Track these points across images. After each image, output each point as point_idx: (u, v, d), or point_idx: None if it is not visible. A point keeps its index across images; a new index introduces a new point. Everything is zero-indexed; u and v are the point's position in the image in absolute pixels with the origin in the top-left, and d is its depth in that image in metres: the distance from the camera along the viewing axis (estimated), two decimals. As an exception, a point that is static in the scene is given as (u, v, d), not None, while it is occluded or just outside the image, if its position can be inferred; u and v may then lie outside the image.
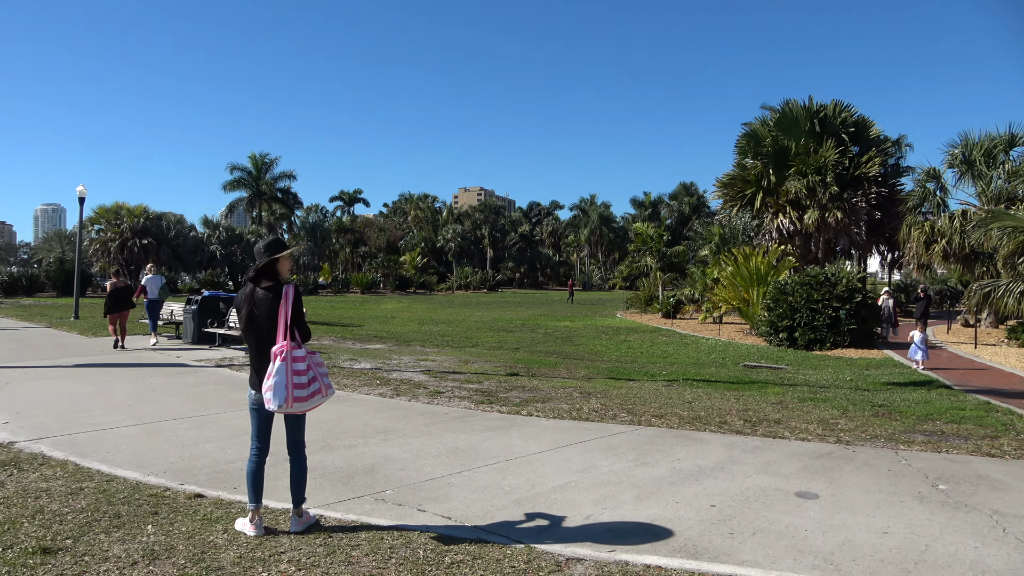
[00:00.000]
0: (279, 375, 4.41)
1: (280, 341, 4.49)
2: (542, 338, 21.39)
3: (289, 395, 4.41)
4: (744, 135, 32.15)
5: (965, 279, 29.73)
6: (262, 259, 4.68)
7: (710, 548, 4.47)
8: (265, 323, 4.60)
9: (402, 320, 28.52)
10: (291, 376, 4.43)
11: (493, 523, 4.87)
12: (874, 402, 10.14)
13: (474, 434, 7.61)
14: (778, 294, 20.04)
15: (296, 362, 4.47)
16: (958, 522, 5.07)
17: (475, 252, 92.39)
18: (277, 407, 4.42)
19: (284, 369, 4.42)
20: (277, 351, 4.47)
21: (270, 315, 4.58)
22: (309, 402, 4.52)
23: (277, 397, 4.40)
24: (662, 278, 37.15)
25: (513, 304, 45.34)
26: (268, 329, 4.58)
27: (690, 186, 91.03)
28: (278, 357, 4.45)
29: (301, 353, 4.52)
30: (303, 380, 4.46)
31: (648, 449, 7.06)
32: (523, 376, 12.32)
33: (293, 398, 4.42)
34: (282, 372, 4.41)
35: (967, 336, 22.30)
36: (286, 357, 4.45)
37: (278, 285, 4.68)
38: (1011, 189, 23.84)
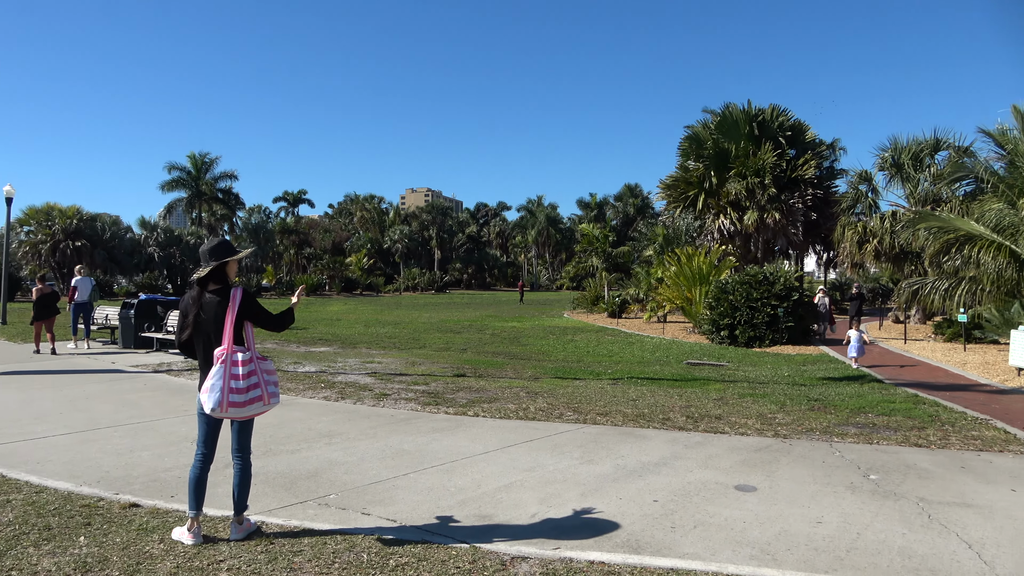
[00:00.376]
0: (217, 378, 4.36)
1: (225, 344, 4.42)
2: (490, 339, 21.41)
3: (224, 399, 4.34)
4: (686, 138, 32.80)
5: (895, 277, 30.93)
6: (208, 263, 4.57)
7: (652, 542, 4.56)
8: (212, 327, 4.53)
9: (348, 322, 28.18)
10: (228, 380, 4.36)
11: (439, 524, 4.86)
12: (810, 397, 10.48)
13: (420, 436, 7.58)
14: (719, 293, 20.51)
15: (235, 366, 4.40)
16: (888, 510, 5.28)
17: (422, 253, 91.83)
18: (210, 410, 4.36)
19: (222, 373, 4.37)
20: (218, 354, 4.41)
21: (217, 319, 4.51)
22: (246, 408, 4.43)
23: (211, 400, 4.35)
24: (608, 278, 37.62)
25: (461, 305, 45.25)
26: (215, 333, 4.51)
27: (635, 187, 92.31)
28: (219, 360, 4.40)
29: (246, 357, 4.45)
30: (240, 385, 4.38)
31: (593, 447, 7.14)
32: (470, 377, 12.32)
33: (228, 403, 4.35)
34: (219, 375, 4.36)
35: (897, 332, 23.22)
36: (226, 361, 4.39)
37: (226, 288, 4.60)
38: (936, 191, 24.92)
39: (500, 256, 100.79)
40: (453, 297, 61.79)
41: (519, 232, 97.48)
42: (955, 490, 5.81)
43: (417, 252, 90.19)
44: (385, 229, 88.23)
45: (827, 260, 36.60)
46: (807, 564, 4.25)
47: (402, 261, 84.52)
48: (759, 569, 4.17)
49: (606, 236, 39.46)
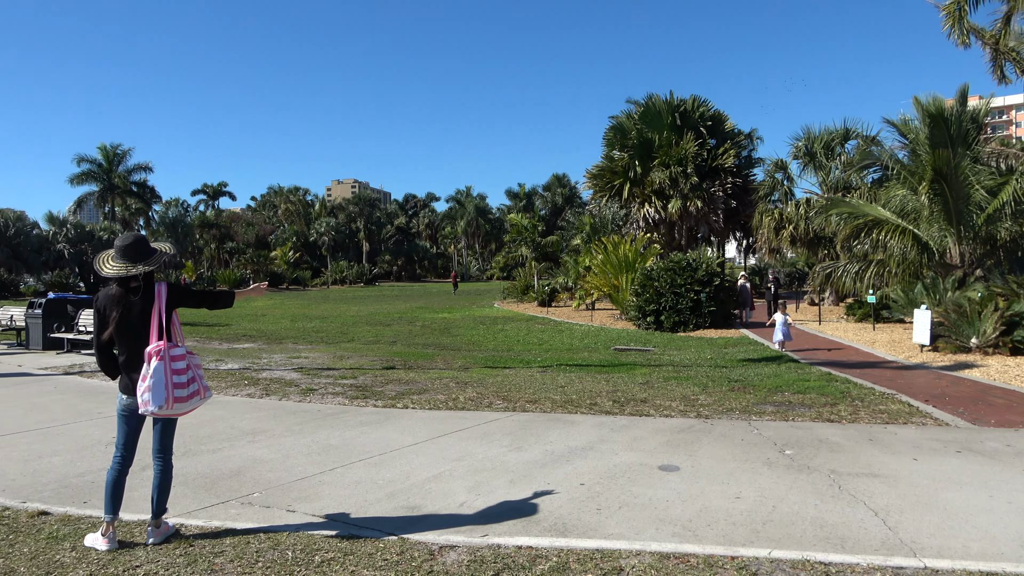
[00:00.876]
0: (157, 375, 4.21)
1: (155, 341, 4.28)
2: (420, 330, 21.28)
3: (169, 396, 4.22)
4: (611, 128, 33.36)
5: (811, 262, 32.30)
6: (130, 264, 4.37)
7: (579, 525, 4.64)
8: (138, 325, 4.36)
9: (273, 318, 27.49)
10: (170, 376, 4.25)
11: (366, 518, 4.82)
12: (731, 378, 10.85)
13: (348, 430, 7.48)
14: (645, 280, 20.96)
15: (174, 361, 4.30)
16: (801, 483, 5.53)
17: (350, 246, 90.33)
18: (157, 409, 4.22)
19: (162, 369, 4.23)
20: (153, 351, 4.25)
21: (142, 315, 4.36)
22: (189, 403, 4.36)
23: (156, 399, 4.20)
24: (537, 267, 37.91)
25: (391, 297, 44.78)
26: (141, 330, 4.35)
27: (563, 177, 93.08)
28: (154, 357, 4.24)
29: (180, 352, 4.36)
30: (183, 380, 4.30)
31: (522, 434, 7.21)
32: (400, 369, 12.23)
33: (174, 399, 4.25)
34: (160, 372, 4.22)
35: (813, 314, 24.26)
36: (163, 356, 4.25)
37: (150, 284, 4.43)
38: (847, 178, 26.12)
39: (430, 247, 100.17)
40: (383, 289, 61.09)
41: (448, 223, 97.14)
42: (863, 462, 6.14)
43: (345, 244, 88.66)
44: (311, 221, 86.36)
45: (747, 246, 37.87)
46: (726, 538, 4.41)
47: (329, 254, 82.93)
48: (681, 545, 4.30)
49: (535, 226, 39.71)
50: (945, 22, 19.48)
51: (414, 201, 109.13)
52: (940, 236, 18.42)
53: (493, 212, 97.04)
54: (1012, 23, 18.99)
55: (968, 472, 5.83)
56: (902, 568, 3.98)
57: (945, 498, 5.17)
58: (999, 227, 17.64)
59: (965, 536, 4.45)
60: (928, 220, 18.62)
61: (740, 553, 4.18)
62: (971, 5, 19.05)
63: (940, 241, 18.43)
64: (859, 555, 4.15)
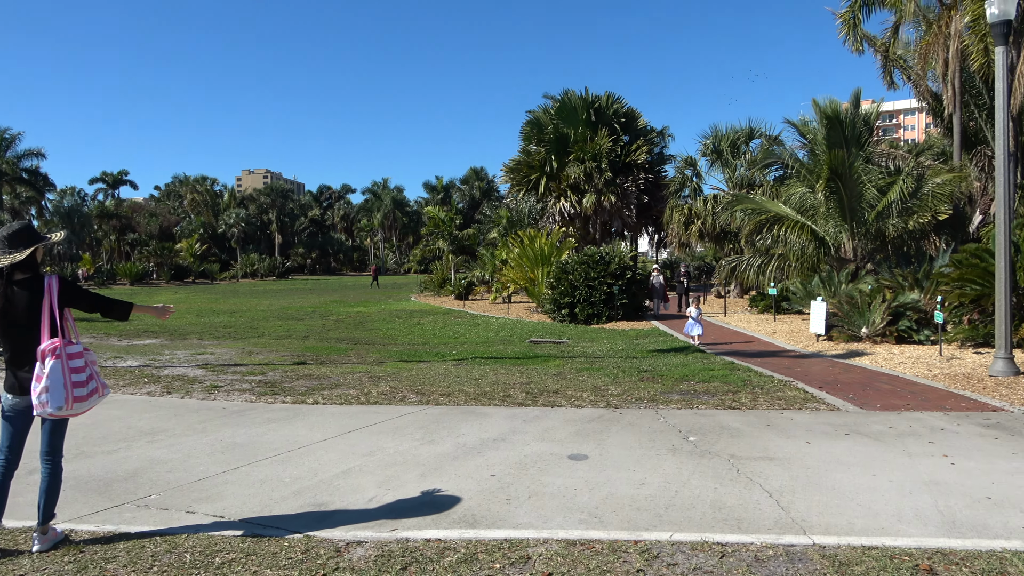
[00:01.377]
0: (54, 375, 3.98)
1: (46, 338, 4.04)
2: (334, 325, 20.88)
3: (69, 396, 4.01)
4: (528, 122, 33.58)
5: (718, 255, 33.53)
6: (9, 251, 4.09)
7: (488, 516, 4.68)
8: (24, 320, 4.09)
9: (178, 312, 26.36)
10: (68, 375, 4.02)
11: (271, 516, 4.70)
12: (640, 368, 11.15)
13: (254, 427, 7.27)
14: (560, 273, 21.26)
15: (72, 359, 4.07)
16: (703, 468, 5.75)
17: (262, 238, 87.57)
18: (55, 410, 3.99)
19: (60, 368, 4.00)
20: (48, 349, 4.00)
21: (30, 310, 4.10)
22: (88, 402, 4.15)
23: (55, 400, 3.97)
24: (454, 261, 37.80)
25: (304, 291, 43.72)
26: (28, 326, 4.09)
27: (480, 171, 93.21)
28: (50, 356, 4.00)
29: (77, 349, 4.13)
30: (82, 378, 4.09)
31: (435, 427, 7.19)
32: (311, 364, 11.96)
33: (73, 398, 4.03)
34: (57, 371, 3.99)
35: (719, 306, 25.21)
36: (60, 355, 4.02)
37: (38, 277, 4.16)
38: (751, 176, 27.27)
39: (345, 240, 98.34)
40: (296, 283, 59.56)
41: (365, 215, 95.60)
42: (761, 446, 6.43)
43: (256, 237, 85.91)
44: (219, 213, 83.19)
45: (659, 240, 38.96)
46: (630, 523, 4.54)
47: (239, 246, 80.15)
48: (587, 532, 4.40)
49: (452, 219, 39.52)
50: (841, 29, 20.57)
51: (329, 193, 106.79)
52: (836, 232, 19.48)
53: (410, 205, 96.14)
54: (900, 33, 20.25)
55: (855, 453, 6.20)
56: (792, 546, 4.20)
57: (834, 478, 5.49)
58: (888, 223, 18.80)
59: (851, 513, 4.73)
60: (825, 216, 19.66)
61: (643, 537, 4.31)
62: (864, 14, 20.18)
63: (835, 236, 19.49)
64: (754, 535, 4.35)
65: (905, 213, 18.54)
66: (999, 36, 10.07)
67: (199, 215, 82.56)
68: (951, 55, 17.81)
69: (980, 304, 13.06)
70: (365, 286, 48.90)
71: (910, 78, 20.95)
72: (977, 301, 13.06)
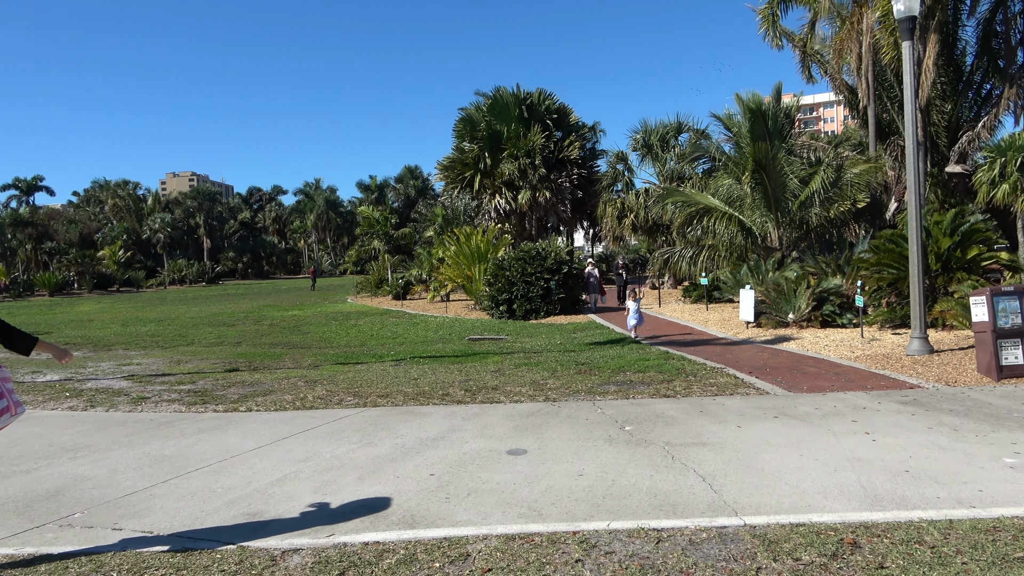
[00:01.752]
0: None
1: None
2: (267, 330, 20.40)
3: None
4: (461, 120, 33.51)
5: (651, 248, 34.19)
6: None
7: (427, 515, 4.65)
8: None
9: (102, 323, 25.29)
10: None
11: (203, 529, 4.56)
12: (578, 361, 11.28)
13: (184, 438, 7.04)
14: (497, 270, 21.30)
15: None
16: (639, 457, 5.86)
17: (190, 243, 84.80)
18: None
19: None
20: None
21: None
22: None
23: None
24: (391, 261, 37.44)
25: (236, 296, 42.55)
26: None
27: (415, 169, 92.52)
28: None
29: None
30: None
31: (372, 429, 7.11)
32: (244, 371, 11.66)
33: None
34: None
35: (653, 297, 25.70)
36: None
37: None
38: (681, 169, 27.90)
39: (278, 243, 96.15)
40: (227, 288, 57.90)
41: (297, 217, 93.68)
42: (694, 432, 6.60)
43: (184, 242, 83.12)
44: (143, 218, 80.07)
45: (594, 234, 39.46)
46: (569, 514, 4.59)
47: (166, 252, 77.38)
48: (526, 526, 4.43)
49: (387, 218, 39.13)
50: (761, 25, 21.23)
51: (259, 194, 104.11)
52: (762, 222, 20.10)
53: (344, 205, 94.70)
54: (816, 29, 21.02)
55: (783, 435, 6.42)
56: (725, 527, 4.33)
57: (764, 460, 5.67)
58: (811, 213, 19.52)
59: (779, 493, 4.90)
60: (751, 207, 20.26)
61: (581, 528, 4.36)
62: (782, 11, 20.87)
63: (762, 226, 20.11)
64: (688, 519, 4.46)
65: (827, 202, 19.27)
66: (905, 31, 10.57)
67: (122, 221, 79.27)
68: (864, 50, 18.60)
69: (897, 287, 13.71)
70: (300, 289, 47.94)
71: (827, 72, 21.79)
72: (894, 284, 13.70)
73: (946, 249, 13.28)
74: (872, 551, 3.92)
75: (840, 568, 3.73)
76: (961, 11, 19.77)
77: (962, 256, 13.33)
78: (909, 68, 10.73)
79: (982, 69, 20.01)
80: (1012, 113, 18.87)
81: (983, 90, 20.52)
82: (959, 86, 20.33)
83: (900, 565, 3.74)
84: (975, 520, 4.32)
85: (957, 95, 20.30)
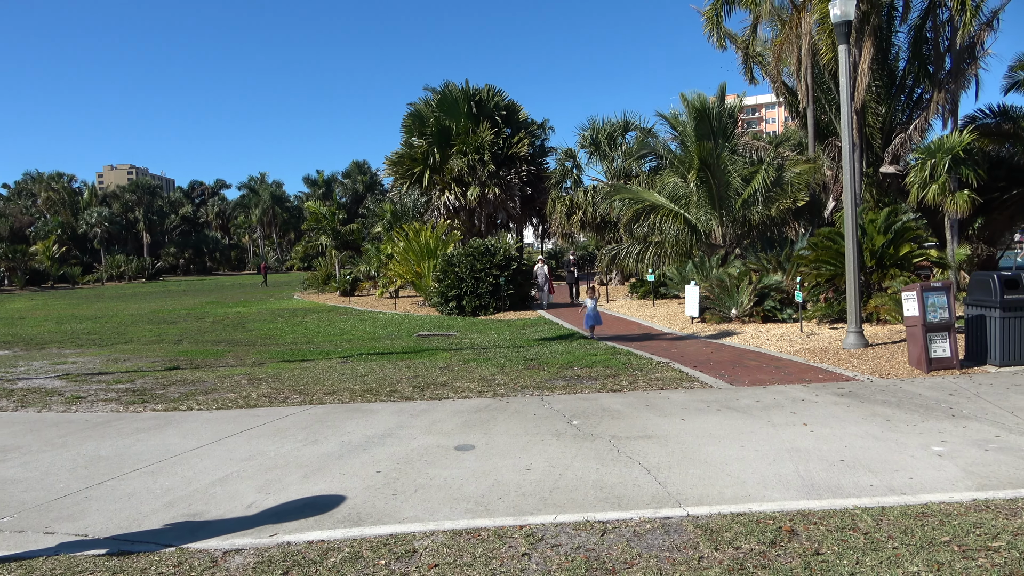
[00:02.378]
0: None
1: None
2: (210, 327, 19.89)
3: None
4: (410, 115, 33.24)
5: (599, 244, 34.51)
6: None
7: (374, 512, 4.62)
8: None
9: (35, 320, 24.28)
10: None
11: (140, 531, 4.44)
12: (527, 357, 11.33)
13: (122, 439, 6.82)
14: (446, 266, 21.21)
15: None
16: (586, 450, 5.92)
17: (129, 238, 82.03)
18: None
19: None
20: None
21: None
22: None
23: None
24: (339, 256, 36.94)
25: (177, 293, 41.36)
26: None
27: (363, 164, 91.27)
28: None
29: None
30: None
31: (318, 427, 7.01)
32: (185, 369, 11.36)
33: None
34: None
35: (601, 293, 25.97)
36: None
37: None
38: (628, 167, 28.23)
39: (221, 238, 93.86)
40: (168, 285, 56.25)
41: (242, 212, 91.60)
42: (640, 425, 6.70)
43: (122, 237, 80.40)
44: (79, 212, 77.19)
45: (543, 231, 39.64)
46: (516, 509, 4.62)
47: (104, 247, 74.76)
48: (473, 521, 4.43)
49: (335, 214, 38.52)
50: (705, 26, 21.60)
51: (201, 188, 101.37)
52: (706, 219, 20.51)
53: (291, 200, 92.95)
54: (758, 31, 21.49)
55: (726, 427, 6.58)
56: (669, 518, 4.41)
57: (707, 452, 5.80)
58: (753, 211, 19.99)
59: (721, 484, 5.02)
60: (696, 205, 20.65)
61: (528, 522, 4.39)
62: (726, 12, 21.28)
63: (706, 224, 20.52)
64: (633, 510, 4.53)
65: (768, 201, 19.77)
66: (841, 35, 10.91)
67: (56, 215, 76.22)
68: (803, 52, 19.11)
69: (834, 283, 14.16)
70: (244, 286, 46.87)
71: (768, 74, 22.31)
72: (832, 280, 14.15)
73: (880, 246, 13.78)
74: (809, 538, 4.05)
75: (778, 555, 3.84)
76: (895, 17, 20.48)
77: (895, 253, 13.85)
78: (845, 71, 11.09)
79: (913, 74, 20.77)
80: (941, 116, 19.66)
81: (915, 94, 21.30)
82: (893, 90, 21.08)
83: (835, 551, 3.87)
84: (905, 506, 4.50)
85: (891, 98, 21.04)
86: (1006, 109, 21.62)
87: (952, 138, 17.28)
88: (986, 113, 22.07)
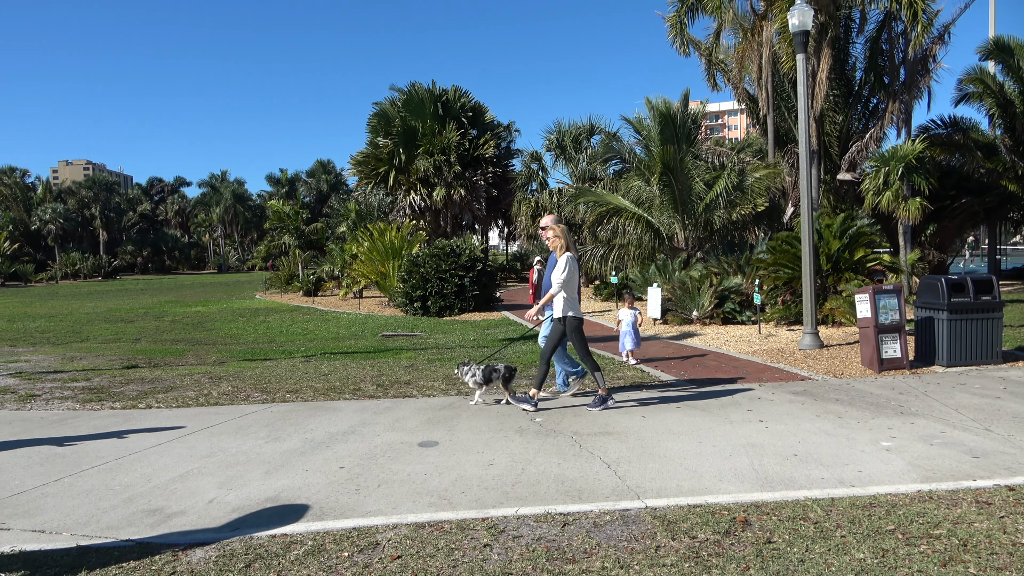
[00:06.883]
0: None
1: None
2: (169, 326, 19.56)
3: None
4: (375, 115, 33.10)
5: (565, 247, 34.70)
6: None
7: (337, 507, 4.64)
8: None
9: (-16, 319, 23.58)
10: None
11: (99, 527, 4.39)
12: (491, 356, 11.38)
13: (79, 436, 6.71)
14: (411, 266, 21.18)
15: None
16: (548, 446, 6.01)
17: (85, 235, 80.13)
18: None
19: None
20: None
21: None
22: None
23: None
24: (302, 256, 36.60)
25: (135, 292, 40.52)
26: None
27: (327, 163, 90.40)
28: None
29: None
30: None
31: (281, 424, 6.99)
32: (144, 368, 11.18)
33: None
34: None
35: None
36: None
37: None
38: (593, 170, 28.50)
39: (181, 236, 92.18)
40: (125, 283, 55.04)
41: (202, 210, 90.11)
42: (601, 422, 6.82)
43: (78, 234, 78.49)
44: (32, 208, 75.06)
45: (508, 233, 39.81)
46: (478, 502, 4.68)
47: (58, 245, 72.82)
48: (436, 514, 4.49)
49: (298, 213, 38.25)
50: (669, 32, 21.96)
51: (161, 186, 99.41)
52: (669, 223, 20.82)
53: (253, 199, 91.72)
54: (721, 38, 21.92)
55: (685, 424, 6.73)
56: (628, 510, 4.52)
57: (666, 447, 5.94)
58: (715, 215, 20.36)
59: (679, 477, 5.15)
60: (660, 208, 20.95)
61: (490, 514, 4.46)
62: (689, 19, 21.66)
63: (669, 227, 20.83)
64: (593, 503, 4.63)
65: (730, 205, 20.15)
66: (799, 45, 11.21)
67: (8, 211, 73.99)
68: (764, 61, 19.56)
69: (792, 286, 14.52)
70: (204, 285, 46.09)
71: (730, 81, 22.76)
72: (789, 283, 14.50)
73: (836, 251, 14.16)
74: (761, 528, 4.19)
75: (732, 544, 3.97)
76: (852, 28, 21.08)
77: (850, 257, 14.25)
78: (803, 80, 11.40)
79: (870, 84, 21.39)
80: (895, 126, 20.28)
81: (871, 104, 21.93)
82: (850, 99, 21.67)
83: (786, 539, 4.01)
84: (854, 498, 4.68)
85: (848, 107, 21.63)
86: (956, 120, 22.39)
87: (905, 147, 17.85)
88: (938, 124, 22.84)
